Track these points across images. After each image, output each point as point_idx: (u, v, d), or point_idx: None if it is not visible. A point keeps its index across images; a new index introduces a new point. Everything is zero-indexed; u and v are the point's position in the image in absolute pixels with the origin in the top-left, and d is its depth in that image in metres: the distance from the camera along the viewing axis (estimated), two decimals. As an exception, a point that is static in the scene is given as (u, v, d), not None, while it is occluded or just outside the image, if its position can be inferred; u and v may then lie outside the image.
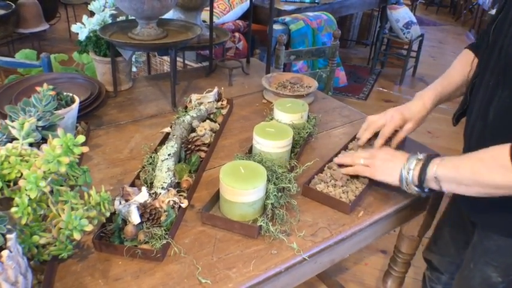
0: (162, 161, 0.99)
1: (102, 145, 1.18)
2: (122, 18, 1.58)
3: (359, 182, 1.03)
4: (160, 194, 0.90)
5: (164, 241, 0.81)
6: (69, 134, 0.73)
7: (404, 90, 4.24)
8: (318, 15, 2.98)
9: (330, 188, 1.01)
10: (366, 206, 1.00)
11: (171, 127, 1.19)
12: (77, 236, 0.72)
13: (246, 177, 0.90)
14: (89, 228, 0.73)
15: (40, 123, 0.91)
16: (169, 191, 0.92)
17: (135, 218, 0.82)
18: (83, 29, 1.47)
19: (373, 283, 2.00)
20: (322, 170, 1.07)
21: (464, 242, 1.13)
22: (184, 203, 0.90)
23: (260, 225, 0.88)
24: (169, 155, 1.00)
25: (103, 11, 1.51)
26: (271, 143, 1.04)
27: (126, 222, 0.84)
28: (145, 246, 0.81)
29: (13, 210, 0.69)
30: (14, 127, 0.85)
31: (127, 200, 0.87)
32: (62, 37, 4.86)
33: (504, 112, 0.87)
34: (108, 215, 0.80)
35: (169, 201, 0.88)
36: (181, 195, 0.93)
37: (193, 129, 1.20)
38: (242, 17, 2.91)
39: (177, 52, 1.45)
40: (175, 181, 0.96)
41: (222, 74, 1.70)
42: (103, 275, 0.78)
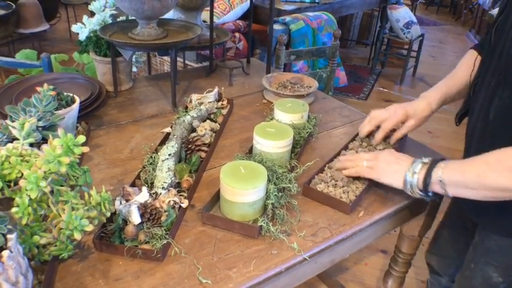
0: (163, 161, 0.99)
1: (102, 145, 1.18)
2: (122, 18, 1.58)
3: (359, 182, 1.03)
4: (160, 194, 0.90)
5: (165, 241, 0.81)
6: (69, 134, 0.73)
7: (404, 90, 4.24)
8: (318, 15, 2.98)
9: (330, 188, 1.01)
10: (366, 206, 1.00)
11: (172, 127, 1.19)
12: (77, 236, 0.72)
13: (247, 177, 0.90)
14: (89, 228, 0.73)
15: (40, 124, 0.91)
16: (169, 191, 0.92)
17: (136, 218, 0.82)
18: (83, 29, 1.47)
19: (373, 283, 2.00)
20: (322, 170, 1.07)
21: (464, 244, 1.13)
22: (185, 203, 0.90)
23: (260, 225, 0.88)
24: (169, 155, 1.00)
25: (103, 11, 1.51)
26: (272, 143, 1.04)
27: (126, 222, 0.84)
28: (145, 246, 0.81)
29: (14, 210, 0.69)
30: (14, 127, 0.85)
31: (127, 200, 0.87)
32: (62, 37, 4.86)
33: (504, 112, 0.87)
34: (108, 215, 0.80)
35: (169, 201, 0.88)
36: (181, 195, 0.93)
37: (193, 129, 1.21)
38: (242, 17, 2.91)
39: (178, 52, 1.45)
40: (175, 181, 0.96)
41: (222, 74, 1.70)
42: (103, 275, 0.78)
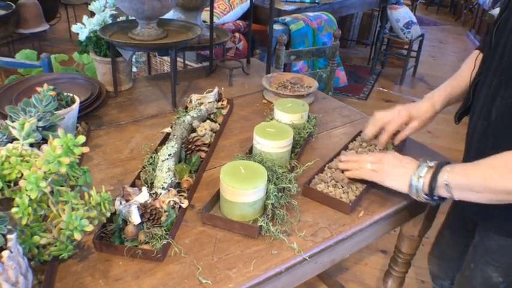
0: (163, 161, 0.99)
1: (102, 145, 1.18)
2: (122, 18, 1.58)
3: (359, 182, 1.03)
4: (160, 194, 0.90)
5: (164, 241, 0.81)
6: (69, 135, 0.73)
7: (404, 90, 4.24)
8: (318, 15, 2.98)
9: (330, 188, 1.01)
10: (366, 206, 1.00)
11: (172, 127, 1.19)
12: (77, 236, 0.72)
13: (247, 177, 0.90)
14: (89, 228, 0.73)
15: (40, 124, 0.91)
16: (169, 191, 0.92)
17: (136, 218, 0.82)
18: (83, 29, 1.47)
19: (373, 283, 2.00)
20: (322, 170, 1.07)
21: (464, 245, 1.13)
22: (185, 203, 0.90)
23: (260, 226, 0.88)
24: (169, 155, 1.00)
25: (103, 11, 1.51)
26: (272, 143, 1.04)
27: (126, 222, 0.84)
28: (145, 247, 0.81)
29: (13, 210, 0.69)
30: (14, 127, 0.85)
31: (127, 200, 0.87)
32: (62, 37, 4.86)
33: (507, 112, 0.87)
34: (108, 215, 0.80)
35: (169, 201, 0.88)
36: (181, 196, 0.93)
37: (193, 130, 1.21)
38: (242, 17, 2.91)
39: (178, 52, 1.45)
40: (175, 181, 0.96)
41: (222, 74, 1.70)
42: (103, 275, 0.78)
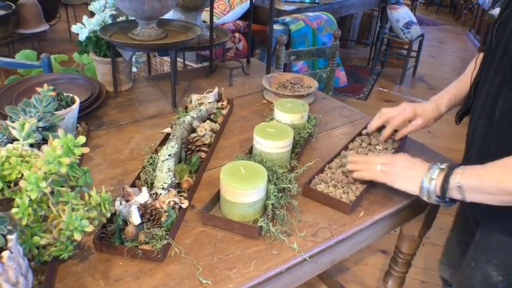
0: (163, 161, 0.99)
1: (102, 146, 1.18)
2: (122, 18, 1.58)
3: (359, 182, 1.03)
4: (160, 194, 0.90)
5: (165, 241, 0.81)
6: (69, 135, 0.73)
7: (404, 90, 4.24)
8: (318, 16, 2.98)
9: (330, 189, 1.01)
10: (367, 206, 1.00)
11: (172, 127, 1.19)
12: (77, 237, 0.72)
13: (247, 177, 0.90)
14: (89, 228, 0.73)
15: (40, 124, 0.91)
16: (169, 191, 0.92)
17: (136, 218, 0.82)
18: (83, 29, 1.47)
19: (373, 283, 2.00)
20: (322, 170, 1.07)
21: (465, 246, 1.13)
22: (185, 204, 0.90)
23: (260, 226, 0.88)
24: (169, 155, 1.00)
25: (103, 11, 1.51)
26: (272, 143, 1.04)
27: (126, 222, 0.84)
28: (145, 247, 0.81)
29: (14, 211, 0.69)
30: (14, 128, 0.85)
31: (127, 201, 0.87)
32: (62, 38, 4.86)
33: (510, 111, 0.87)
34: (108, 215, 0.80)
35: (169, 201, 0.88)
36: (181, 196, 0.93)
37: (193, 130, 1.21)
38: (242, 17, 2.91)
39: (177, 52, 1.45)
40: (175, 181, 0.96)
41: (222, 75, 1.70)
42: (103, 275, 0.78)
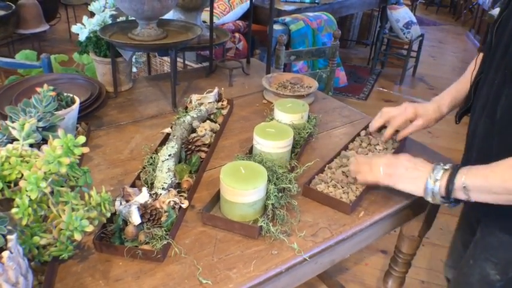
0: (163, 161, 0.99)
1: (102, 146, 1.18)
2: (122, 18, 1.58)
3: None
4: (160, 194, 0.90)
5: (165, 241, 0.81)
6: (69, 135, 0.73)
7: (404, 90, 4.24)
8: (318, 16, 2.98)
9: (330, 189, 1.01)
10: (367, 206, 1.00)
11: (172, 127, 1.19)
12: (77, 237, 0.72)
13: (247, 177, 0.90)
14: (89, 229, 0.73)
15: (40, 124, 0.91)
16: (169, 191, 0.92)
17: (136, 218, 0.82)
18: (83, 29, 1.47)
19: (373, 283, 2.00)
20: (322, 170, 1.07)
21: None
22: (185, 204, 0.90)
23: (260, 226, 0.88)
24: (169, 155, 1.00)
25: (103, 11, 1.51)
26: (272, 143, 1.04)
27: (126, 222, 0.84)
28: (145, 247, 0.81)
29: (14, 211, 0.69)
30: (14, 128, 0.85)
31: (127, 201, 0.87)
32: (62, 38, 4.86)
33: None
34: (108, 215, 0.80)
35: (169, 201, 0.88)
36: (181, 196, 0.93)
37: (193, 130, 1.21)
38: (242, 17, 2.91)
39: (177, 52, 1.45)
40: (175, 181, 0.96)
41: (222, 75, 1.70)
42: (103, 275, 0.78)
